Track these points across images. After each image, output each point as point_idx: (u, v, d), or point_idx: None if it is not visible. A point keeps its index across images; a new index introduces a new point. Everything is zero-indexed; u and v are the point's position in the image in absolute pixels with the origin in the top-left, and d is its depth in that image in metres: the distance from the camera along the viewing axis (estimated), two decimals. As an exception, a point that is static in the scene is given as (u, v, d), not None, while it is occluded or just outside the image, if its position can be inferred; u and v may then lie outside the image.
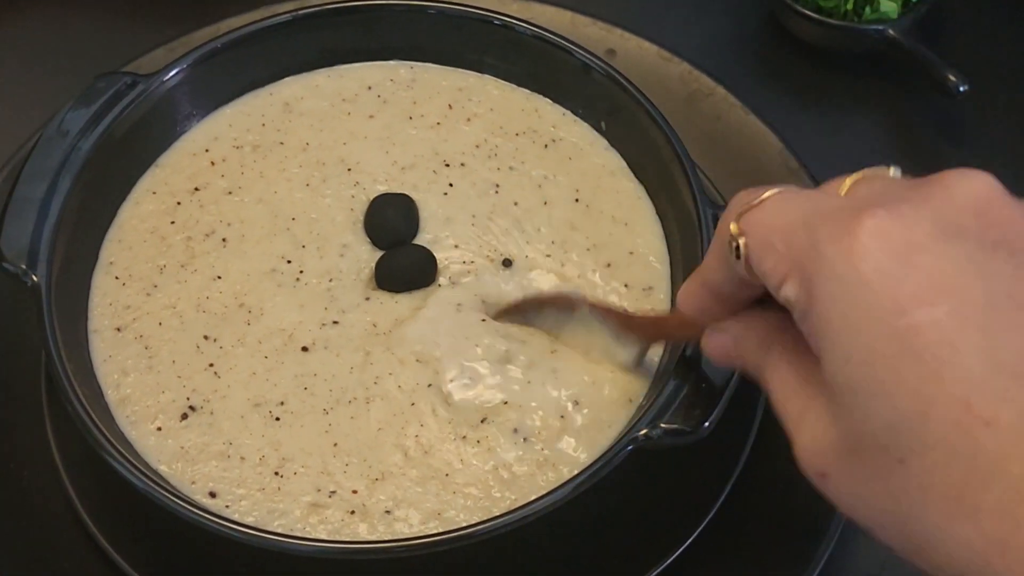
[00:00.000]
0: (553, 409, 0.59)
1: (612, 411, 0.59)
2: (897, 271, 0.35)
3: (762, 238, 0.40)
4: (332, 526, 0.56)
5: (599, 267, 0.64)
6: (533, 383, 0.60)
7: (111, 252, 0.65)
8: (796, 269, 0.38)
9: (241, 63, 0.70)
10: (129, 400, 0.60)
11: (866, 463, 0.36)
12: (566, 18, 0.78)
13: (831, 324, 0.36)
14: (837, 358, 0.36)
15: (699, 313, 0.47)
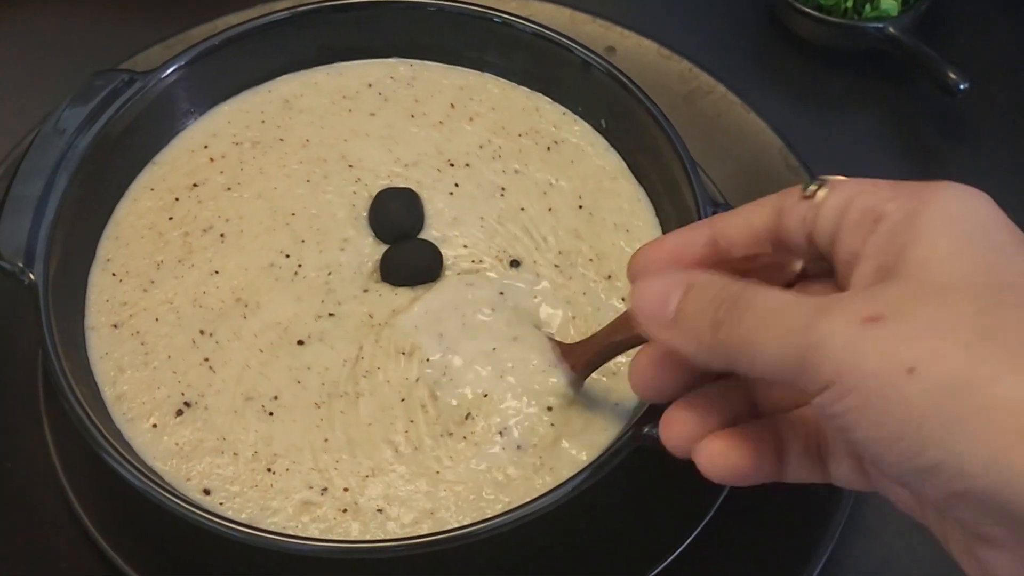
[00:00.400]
0: (550, 412, 0.59)
1: (607, 414, 0.59)
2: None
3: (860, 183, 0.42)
4: (325, 524, 0.56)
5: (600, 279, 0.64)
6: (529, 383, 0.60)
7: (108, 249, 0.65)
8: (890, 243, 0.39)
9: (239, 60, 0.70)
10: (125, 397, 0.59)
11: None
12: (565, 15, 0.78)
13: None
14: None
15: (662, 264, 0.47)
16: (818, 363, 0.37)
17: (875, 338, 0.36)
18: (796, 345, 0.37)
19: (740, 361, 0.40)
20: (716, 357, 0.41)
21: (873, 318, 0.36)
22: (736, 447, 0.44)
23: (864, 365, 0.36)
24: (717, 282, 0.42)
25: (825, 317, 0.37)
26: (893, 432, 0.36)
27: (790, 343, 0.38)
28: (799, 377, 0.38)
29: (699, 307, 0.41)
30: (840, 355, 0.36)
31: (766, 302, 0.39)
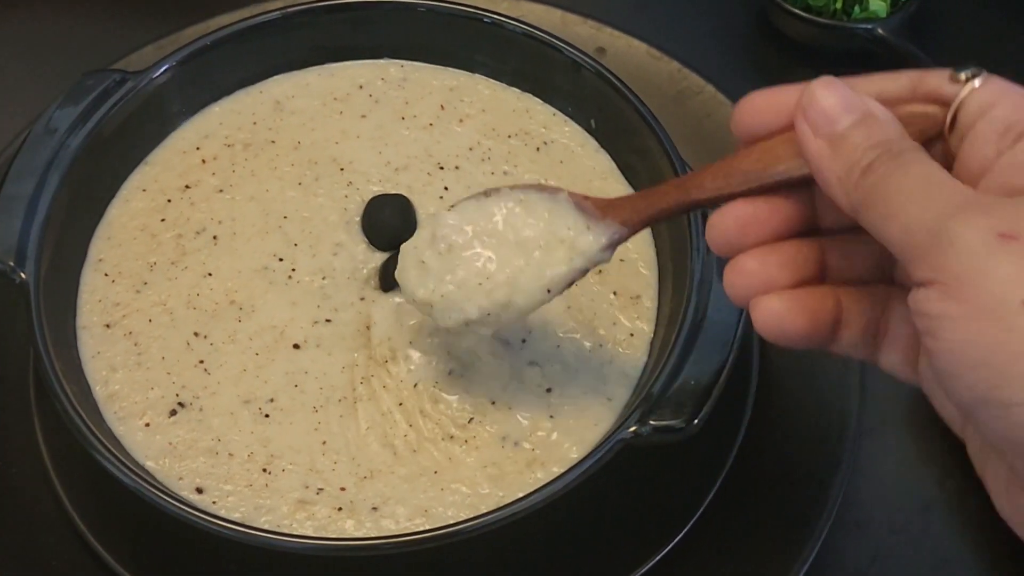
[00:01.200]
0: (541, 408, 0.59)
1: (598, 410, 0.60)
2: None
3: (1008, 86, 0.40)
4: (319, 522, 0.56)
5: (592, 273, 0.64)
6: (523, 383, 0.60)
7: (100, 249, 0.65)
8: None
9: (231, 61, 0.70)
10: (117, 396, 0.60)
11: None
12: (556, 16, 0.79)
13: None
14: None
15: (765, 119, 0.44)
16: (941, 256, 0.35)
17: (1005, 257, 0.34)
18: (929, 228, 0.36)
19: (870, 215, 0.39)
20: (851, 197, 0.39)
21: (1009, 236, 0.35)
22: (794, 310, 0.42)
23: (983, 281, 0.35)
24: (891, 126, 0.40)
25: (964, 214, 0.36)
26: (981, 356, 0.35)
27: (924, 222, 0.36)
28: (916, 260, 0.37)
29: (865, 141, 0.39)
30: (965, 260, 0.35)
31: (921, 170, 0.38)
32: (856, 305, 0.43)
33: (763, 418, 0.64)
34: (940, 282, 0.35)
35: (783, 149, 0.43)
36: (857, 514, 0.66)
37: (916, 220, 0.37)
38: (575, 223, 0.51)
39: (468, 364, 0.60)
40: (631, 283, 0.64)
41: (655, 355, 0.60)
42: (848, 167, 0.39)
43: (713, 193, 0.45)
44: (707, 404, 0.54)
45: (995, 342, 0.34)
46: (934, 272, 0.36)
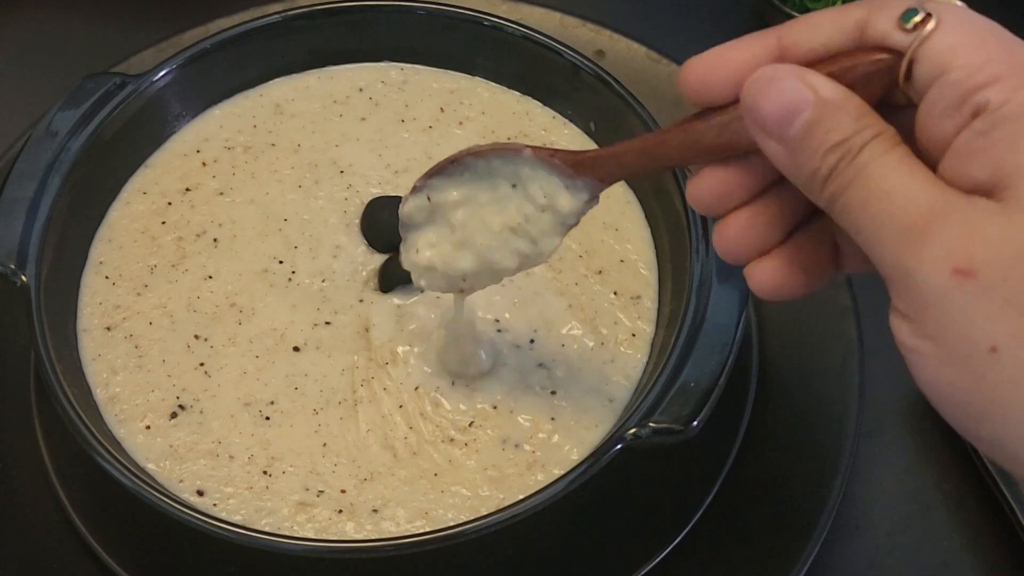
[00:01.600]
0: (544, 410, 0.59)
1: (598, 411, 0.60)
2: None
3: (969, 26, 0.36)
4: (319, 524, 0.56)
5: (591, 273, 0.64)
6: (529, 385, 0.60)
7: (101, 252, 0.65)
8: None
9: (231, 64, 0.70)
10: (118, 399, 0.60)
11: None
12: (555, 19, 0.79)
13: None
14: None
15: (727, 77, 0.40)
16: (906, 291, 0.34)
17: (965, 298, 0.33)
18: (890, 260, 0.35)
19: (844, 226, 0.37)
20: (820, 202, 0.38)
21: (964, 272, 0.33)
22: (788, 271, 0.41)
23: (949, 324, 0.33)
24: (846, 113, 0.37)
25: (918, 248, 0.34)
26: (957, 396, 0.34)
27: (885, 253, 0.35)
28: (888, 284, 0.35)
29: (821, 144, 0.37)
30: (928, 299, 0.34)
31: (882, 181, 0.35)
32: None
33: (762, 420, 0.64)
34: (908, 314, 0.35)
35: (740, 125, 0.40)
36: (856, 516, 0.66)
37: (878, 247, 0.35)
38: (550, 187, 0.49)
39: (473, 366, 0.60)
40: (631, 283, 0.64)
41: (655, 356, 0.61)
42: (809, 174, 0.37)
43: (680, 162, 0.44)
44: (706, 406, 0.54)
45: (968, 387, 0.34)
46: (903, 305, 0.35)
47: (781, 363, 0.67)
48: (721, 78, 0.40)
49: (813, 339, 0.67)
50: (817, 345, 0.67)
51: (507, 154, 0.49)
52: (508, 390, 0.60)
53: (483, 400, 0.60)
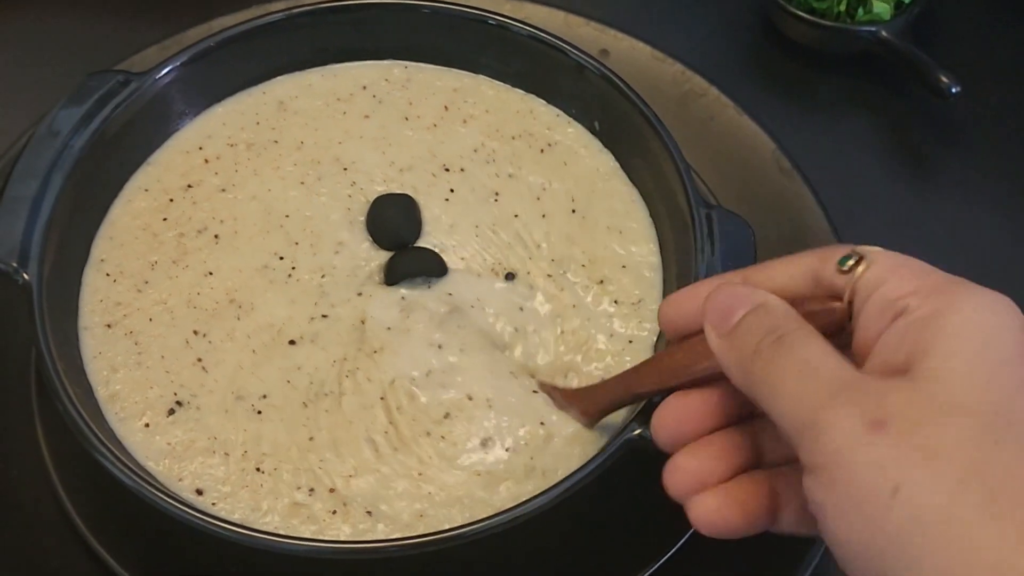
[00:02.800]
0: (541, 409, 0.59)
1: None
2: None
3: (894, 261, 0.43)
4: (316, 525, 0.56)
5: (592, 283, 0.64)
6: (523, 385, 0.60)
7: (102, 249, 0.65)
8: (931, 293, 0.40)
9: (234, 61, 0.70)
10: (118, 397, 0.60)
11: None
12: (559, 18, 0.79)
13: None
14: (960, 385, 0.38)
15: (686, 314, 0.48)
16: (814, 444, 0.38)
17: (873, 448, 0.36)
18: (803, 417, 0.38)
19: (760, 398, 0.41)
20: (746, 383, 0.42)
21: (876, 424, 0.37)
22: (727, 506, 0.45)
23: (854, 470, 0.36)
24: (781, 311, 0.43)
25: (835, 404, 0.38)
26: (862, 542, 0.36)
27: (799, 411, 0.39)
28: (797, 445, 0.39)
29: (754, 328, 0.43)
30: (835, 450, 0.37)
31: (802, 353, 0.41)
32: (790, 487, 0.45)
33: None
34: (818, 469, 0.38)
35: (703, 346, 0.46)
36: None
37: (793, 408, 0.39)
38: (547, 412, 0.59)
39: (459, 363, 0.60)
40: (634, 288, 0.64)
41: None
42: (741, 354, 0.43)
43: (651, 388, 0.51)
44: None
45: (871, 530, 0.36)
46: (811, 459, 0.38)
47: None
48: (691, 309, 0.48)
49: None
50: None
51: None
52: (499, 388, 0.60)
53: (476, 397, 0.59)
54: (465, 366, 0.60)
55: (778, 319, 0.43)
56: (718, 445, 0.46)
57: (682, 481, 0.46)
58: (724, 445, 0.46)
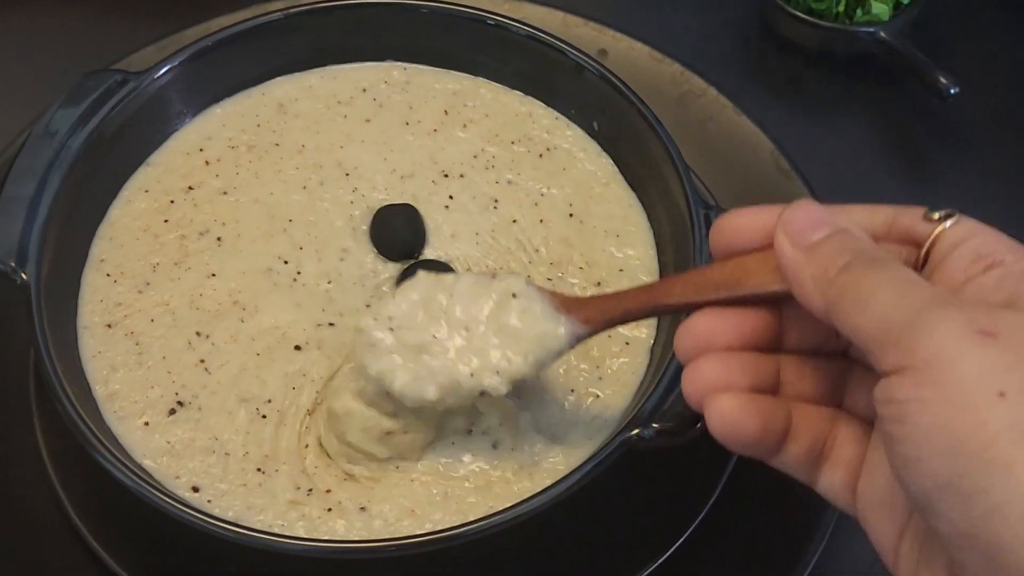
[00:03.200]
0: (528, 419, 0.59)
1: (600, 415, 0.60)
2: None
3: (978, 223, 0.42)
4: (310, 523, 0.56)
5: (590, 286, 0.64)
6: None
7: (102, 249, 0.65)
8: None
9: (233, 62, 0.70)
10: (117, 396, 0.60)
11: None
12: (558, 18, 0.79)
13: None
14: None
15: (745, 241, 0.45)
16: (916, 342, 0.36)
17: (982, 352, 0.35)
18: (905, 316, 0.37)
19: (844, 307, 0.40)
20: (825, 296, 0.41)
21: (986, 332, 0.36)
22: (748, 411, 0.43)
23: (960, 368, 0.35)
24: (867, 240, 0.42)
25: (944, 308, 0.37)
26: (950, 442, 0.35)
27: (901, 310, 0.37)
28: (888, 346, 0.37)
29: (841, 247, 0.41)
30: (943, 347, 0.36)
31: (899, 272, 0.39)
32: (805, 421, 0.44)
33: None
34: (913, 368, 0.36)
35: (756, 265, 0.44)
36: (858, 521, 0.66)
37: (892, 308, 0.38)
38: (541, 312, 0.53)
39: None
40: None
41: (656, 361, 0.60)
42: (823, 267, 0.41)
43: (681, 300, 0.47)
44: (710, 407, 0.54)
45: (967, 429, 0.35)
46: (908, 358, 0.37)
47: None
48: (752, 226, 0.45)
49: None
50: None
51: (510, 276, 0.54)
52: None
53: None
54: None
55: (867, 244, 0.42)
56: (744, 358, 0.45)
57: (706, 380, 0.44)
58: (750, 360, 0.45)
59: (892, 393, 0.37)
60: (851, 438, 0.43)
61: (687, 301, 0.47)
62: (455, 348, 0.53)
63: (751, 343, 0.45)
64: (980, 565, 0.35)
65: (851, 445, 0.43)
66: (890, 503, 0.41)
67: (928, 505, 0.36)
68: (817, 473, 0.44)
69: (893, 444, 0.37)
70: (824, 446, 0.44)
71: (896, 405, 0.37)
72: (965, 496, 0.35)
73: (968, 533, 0.35)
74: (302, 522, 0.56)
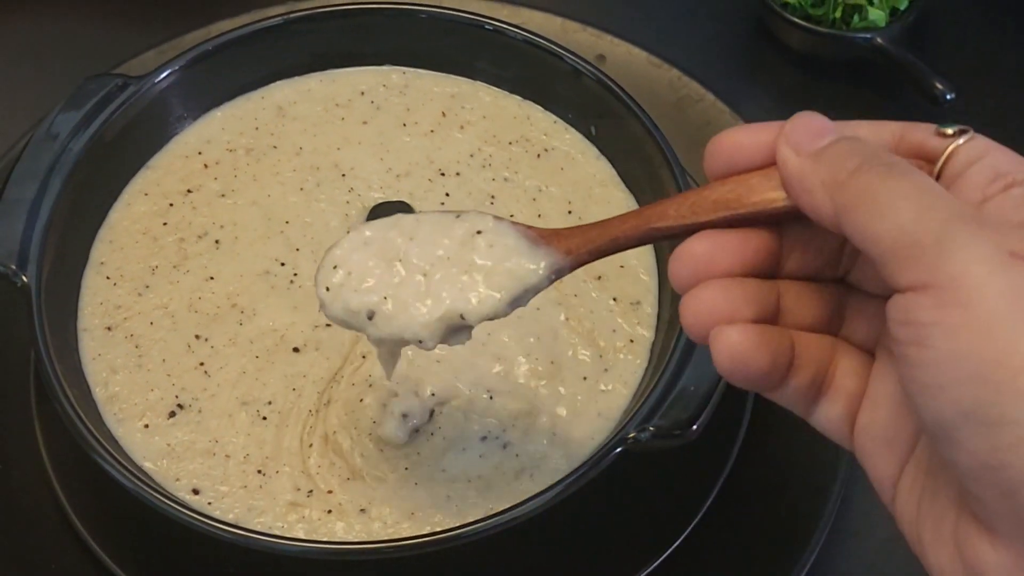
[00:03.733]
0: (534, 414, 0.60)
1: (597, 415, 0.60)
2: None
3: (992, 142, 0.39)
4: (310, 524, 0.56)
5: (590, 279, 0.65)
6: (511, 384, 0.60)
7: (102, 252, 0.65)
8: None
9: (233, 66, 0.70)
10: (117, 398, 0.60)
11: None
12: (556, 24, 0.79)
13: None
14: None
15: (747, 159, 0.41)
16: (941, 259, 0.34)
17: (1012, 274, 0.33)
18: (929, 230, 0.34)
19: (858, 215, 0.36)
20: (836, 201, 0.37)
21: (1016, 255, 0.34)
22: (758, 344, 0.40)
23: (990, 292, 0.33)
24: (877, 146, 0.39)
25: (972, 224, 0.34)
26: (975, 369, 0.33)
27: (924, 224, 0.34)
28: (907, 261, 0.35)
29: (851, 152, 0.38)
30: (972, 268, 0.33)
31: (920, 179, 0.36)
32: (808, 351, 0.42)
33: (761, 425, 0.64)
34: (935, 287, 0.34)
35: (758, 181, 0.41)
36: (854, 522, 0.66)
37: (913, 220, 0.35)
38: (515, 245, 0.47)
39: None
40: (631, 289, 0.64)
41: (655, 361, 0.61)
42: (834, 171, 0.38)
43: (677, 221, 0.43)
44: (706, 410, 0.54)
45: (995, 356, 0.33)
46: (929, 275, 0.34)
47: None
48: (752, 147, 0.41)
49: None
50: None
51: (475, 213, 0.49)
52: (493, 392, 0.60)
53: (469, 399, 0.60)
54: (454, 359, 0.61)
55: (878, 149, 0.38)
56: (747, 287, 0.41)
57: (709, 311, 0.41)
58: (753, 288, 0.41)
59: (911, 314, 0.34)
60: (850, 369, 0.41)
61: (683, 223, 0.42)
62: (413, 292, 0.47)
63: (752, 268, 0.42)
64: (997, 500, 0.34)
65: (851, 377, 0.41)
66: (892, 436, 0.39)
67: (946, 435, 0.34)
68: (815, 406, 0.42)
69: (910, 369, 0.35)
70: (824, 380, 0.42)
71: (915, 327, 0.34)
72: (990, 426, 0.33)
73: (990, 465, 0.33)
74: (302, 524, 0.56)
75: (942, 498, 0.37)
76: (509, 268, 0.47)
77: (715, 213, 0.42)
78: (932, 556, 0.37)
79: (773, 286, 0.42)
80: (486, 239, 0.48)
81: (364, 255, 0.48)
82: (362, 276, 0.48)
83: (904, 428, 0.38)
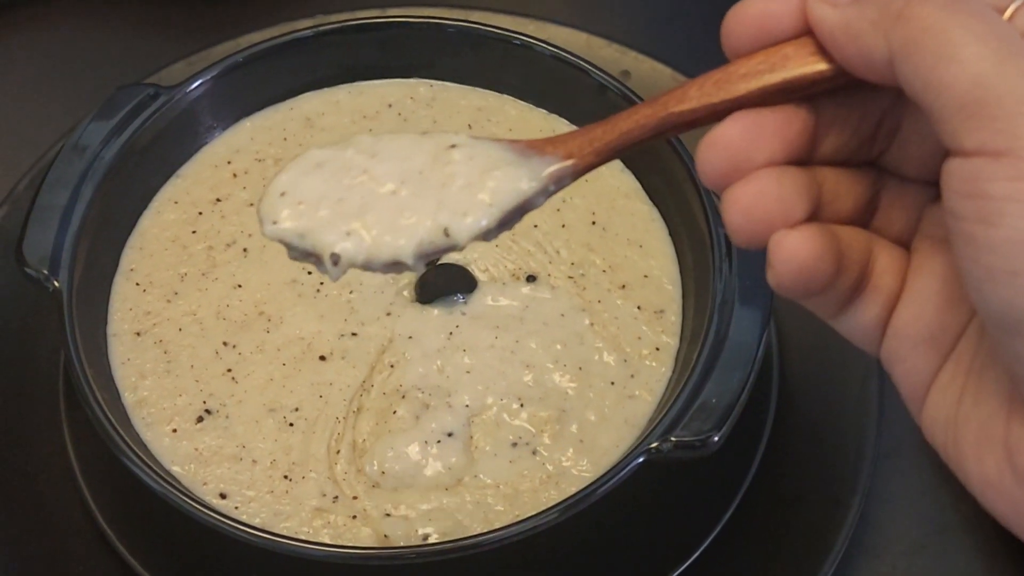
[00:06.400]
0: (564, 420, 0.60)
1: (621, 424, 0.60)
2: None
3: None
4: (335, 530, 0.57)
5: (614, 287, 0.65)
6: (541, 391, 0.61)
7: (132, 259, 0.66)
8: None
9: (262, 77, 0.71)
10: (146, 402, 0.61)
11: None
12: (581, 39, 0.79)
13: None
14: None
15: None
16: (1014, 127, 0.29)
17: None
18: (1011, 85, 0.29)
19: (920, 58, 0.30)
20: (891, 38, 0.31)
21: None
22: (823, 250, 0.35)
23: None
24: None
25: None
26: None
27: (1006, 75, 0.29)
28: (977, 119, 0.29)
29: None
30: None
31: (996, 18, 0.31)
32: (851, 248, 0.36)
33: (782, 438, 0.65)
34: (1014, 155, 0.29)
35: (793, 49, 0.35)
36: (874, 536, 0.67)
37: (991, 69, 0.29)
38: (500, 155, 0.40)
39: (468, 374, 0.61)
40: (655, 298, 0.65)
41: (679, 369, 0.61)
42: (882, 14, 0.31)
43: (700, 102, 0.36)
44: (728, 422, 0.54)
45: None
46: (1007, 140, 0.29)
47: (801, 382, 0.67)
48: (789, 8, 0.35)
49: (833, 360, 0.67)
50: (837, 366, 0.67)
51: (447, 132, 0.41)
52: (522, 398, 0.60)
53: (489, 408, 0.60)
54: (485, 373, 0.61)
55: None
56: (797, 177, 0.35)
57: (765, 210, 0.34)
58: (802, 178, 0.35)
59: (980, 185, 0.29)
60: (888, 265, 0.36)
61: (708, 102, 0.36)
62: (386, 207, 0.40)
63: (795, 154, 0.35)
64: None
65: (889, 274, 0.36)
66: (934, 335, 0.35)
67: (1015, 327, 0.30)
68: (848, 308, 0.37)
69: (975, 251, 0.30)
70: (863, 277, 0.36)
71: (985, 201, 0.29)
72: None
73: None
74: (327, 529, 0.57)
75: (990, 399, 0.33)
76: (497, 177, 0.39)
77: (746, 85, 0.35)
78: (973, 463, 0.34)
79: (814, 175, 0.36)
80: (463, 152, 0.40)
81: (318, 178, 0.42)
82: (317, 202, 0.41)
83: (949, 324, 0.34)
